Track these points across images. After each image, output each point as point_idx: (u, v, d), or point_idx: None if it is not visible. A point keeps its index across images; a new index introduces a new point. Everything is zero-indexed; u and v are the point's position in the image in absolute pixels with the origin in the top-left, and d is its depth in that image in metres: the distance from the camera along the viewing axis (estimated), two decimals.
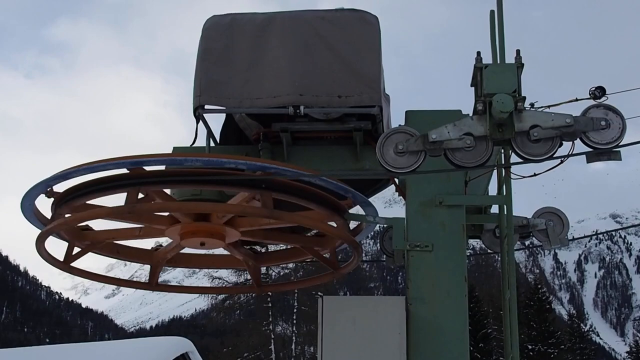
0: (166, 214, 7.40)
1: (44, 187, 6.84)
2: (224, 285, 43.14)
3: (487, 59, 6.69)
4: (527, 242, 8.33)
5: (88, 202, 7.14)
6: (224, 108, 7.67)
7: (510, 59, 6.67)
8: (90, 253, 7.99)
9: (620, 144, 6.25)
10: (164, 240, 8.20)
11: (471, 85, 6.69)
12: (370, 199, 7.61)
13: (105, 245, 8.01)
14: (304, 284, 24.17)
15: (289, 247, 8.82)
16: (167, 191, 7.28)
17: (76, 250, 7.74)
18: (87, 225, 7.59)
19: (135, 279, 8.94)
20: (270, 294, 45.35)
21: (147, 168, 6.70)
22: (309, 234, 8.38)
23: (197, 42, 7.81)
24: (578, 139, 6.30)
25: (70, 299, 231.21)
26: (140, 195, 7.01)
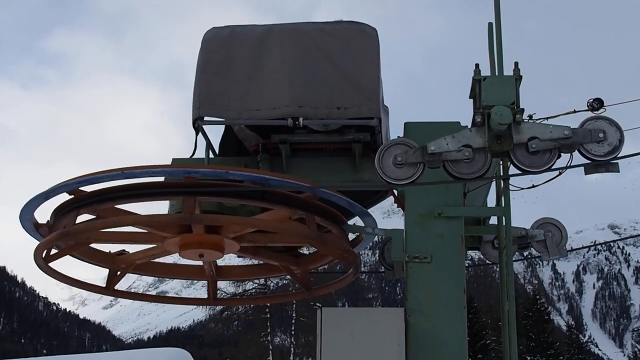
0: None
1: (78, 185, 6.75)
2: (222, 296, 43.04)
3: (485, 70, 6.71)
4: (525, 253, 8.33)
5: (117, 206, 7.12)
6: (223, 119, 7.69)
7: (508, 70, 6.70)
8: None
9: (618, 155, 6.27)
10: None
11: (470, 97, 6.71)
12: (368, 210, 7.63)
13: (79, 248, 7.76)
14: (275, 299, 24.53)
15: (255, 262, 8.89)
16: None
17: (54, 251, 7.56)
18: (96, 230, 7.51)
19: (133, 290, 8.87)
20: (268, 304, 45.32)
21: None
22: (293, 254, 8.40)
23: (193, 53, 7.84)
24: (576, 150, 6.32)
25: (67, 310, 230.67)
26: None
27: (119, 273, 8.09)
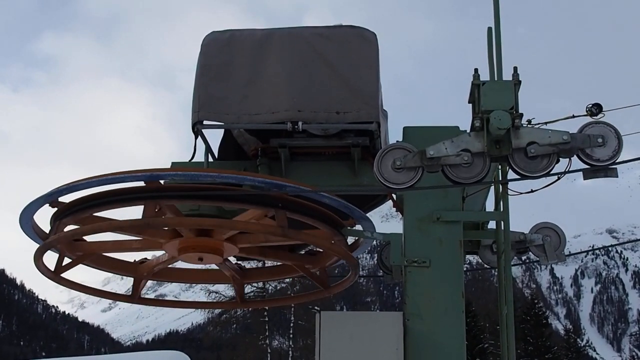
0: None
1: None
2: (220, 300, 42.98)
3: (484, 75, 6.72)
4: (523, 257, 8.34)
5: (95, 214, 7.09)
6: (223, 124, 7.69)
7: (507, 75, 6.71)
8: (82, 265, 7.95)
9: (617, 160, 6.29)
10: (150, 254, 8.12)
11: (469, 102, 6.73)
12: (367, 214, 7.63)
13: (93, 257, 7.88)
14: (297, 300, 24.28)
15: (276, 264, 8.83)
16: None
17: (67, 261, 7.62)
18: (79, 237, 7.53)
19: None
20: (267, 308, 45.33)
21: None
22: (302, 252, 8.37)
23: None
24: (575, 155, 6.34)
25: (66, 313, 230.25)
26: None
27: (142, 281, 8.20)
